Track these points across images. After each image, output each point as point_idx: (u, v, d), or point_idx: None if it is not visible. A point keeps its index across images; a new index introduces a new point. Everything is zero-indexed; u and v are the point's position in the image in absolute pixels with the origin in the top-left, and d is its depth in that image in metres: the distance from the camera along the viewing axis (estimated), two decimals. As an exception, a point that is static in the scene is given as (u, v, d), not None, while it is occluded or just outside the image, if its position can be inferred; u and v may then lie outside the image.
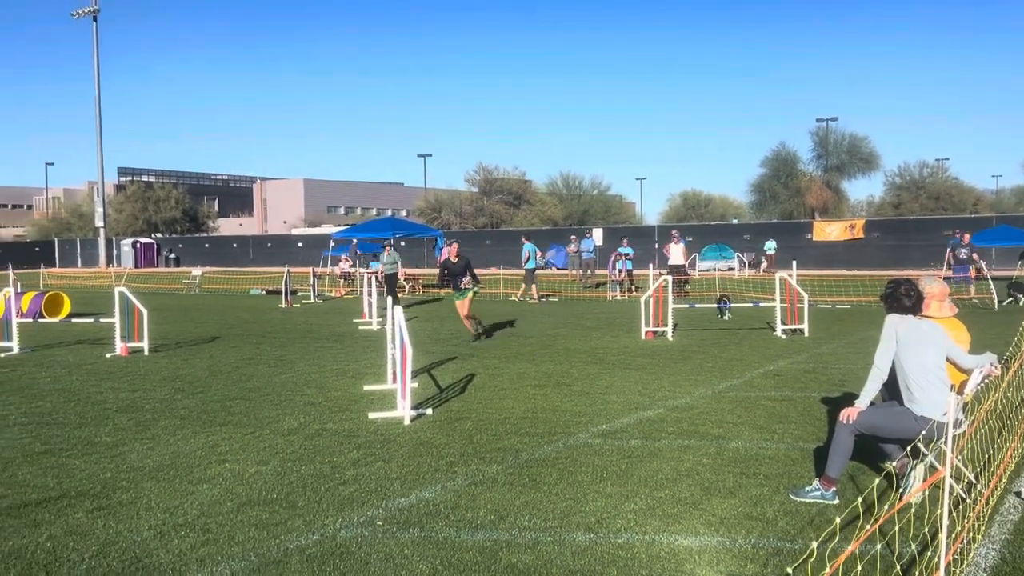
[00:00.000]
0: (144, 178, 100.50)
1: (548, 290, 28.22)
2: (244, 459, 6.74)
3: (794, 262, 19.04)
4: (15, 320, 13.62)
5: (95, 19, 59.78)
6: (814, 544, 3.35)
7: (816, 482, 5.63)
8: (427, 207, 70.07)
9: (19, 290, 18.61)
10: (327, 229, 60.27)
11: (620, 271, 26.10)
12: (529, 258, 24.72)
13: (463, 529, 5.10)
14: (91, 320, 15.73)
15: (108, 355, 12.92)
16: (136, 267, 59.85)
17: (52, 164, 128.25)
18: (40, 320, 16.99)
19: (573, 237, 36.26)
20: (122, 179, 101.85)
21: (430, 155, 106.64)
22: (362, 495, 5.78)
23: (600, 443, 7.13)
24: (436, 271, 34.09)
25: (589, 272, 31.03)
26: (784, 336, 14.46)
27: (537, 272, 25.36)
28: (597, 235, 36.46)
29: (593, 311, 20.59)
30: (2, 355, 13.08)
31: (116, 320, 13.37)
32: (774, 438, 7.27)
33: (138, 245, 65.46)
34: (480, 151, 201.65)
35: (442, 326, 17.07)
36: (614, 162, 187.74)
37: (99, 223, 64.65)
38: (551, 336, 15.01)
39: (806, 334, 14.49)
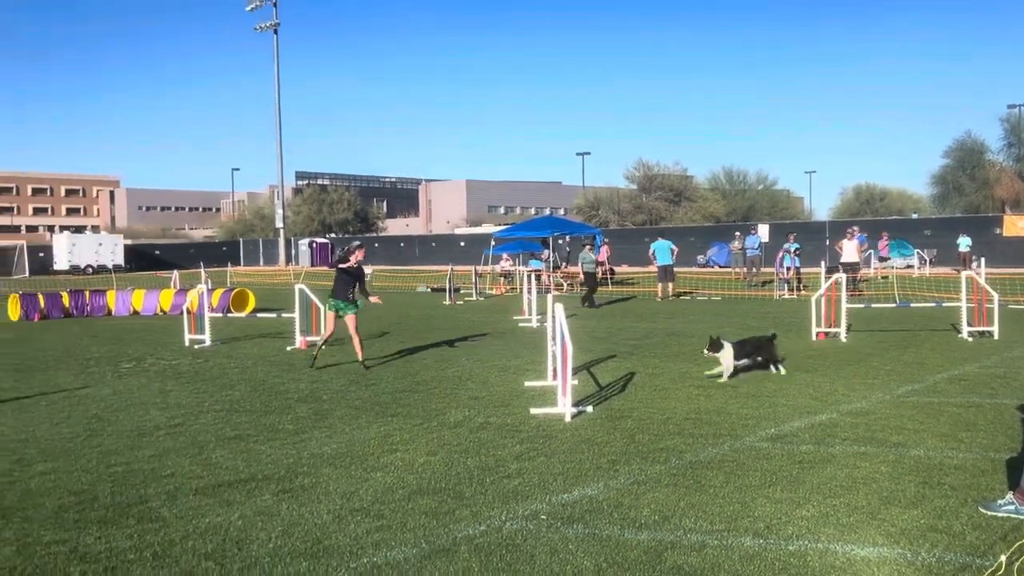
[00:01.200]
0: (319, 181, 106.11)
1: (710, 289, 27.61)
2: (414, 449, 7.00)
3: (982, 259, 17.69)
4: (207, 315, 14.78)
5: (276, 32, 63.74)
6: (1003, 557, 3.10)
7: (1010, 495, 5.21)
8: (585, 205, 70.06)
9: (210, 287, 20.13)
10: (488, 228, 61.45)
11: (788, 268, 25.14)
12: (656, 255, 24.27)
13: (627, 528, 5.08)
14: (273, 315, 16.76)
15: (288, 348, 13.77)
16: (312, 265, 63.13)
17: (238, 169, 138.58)
18: (228, 315, 18.30)
19: (738, 234, 35.18)
20: (299, 182, 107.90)
21: (588, 153, 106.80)
22: (526, 489, 5.87)
23: (768, 447, 6.91)
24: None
25: (755, 270, 30.04)
26: (971, 338, 13.46)
27: (676, 269, 25.05)
28: (763, 231, 35.06)
29: (759, 310, 19.94)
30: (196, 347, 14.21)
31: (296, 315, 14.21)
32: (960, 447, 6.79)
33: (314, 245, 69.00)
34: (640, 148, 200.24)
35: (600, 324, 17.04)
36: (781, 156, 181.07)
37: (279, 224, 69.05)
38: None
39: (996, 336, 13.43)
